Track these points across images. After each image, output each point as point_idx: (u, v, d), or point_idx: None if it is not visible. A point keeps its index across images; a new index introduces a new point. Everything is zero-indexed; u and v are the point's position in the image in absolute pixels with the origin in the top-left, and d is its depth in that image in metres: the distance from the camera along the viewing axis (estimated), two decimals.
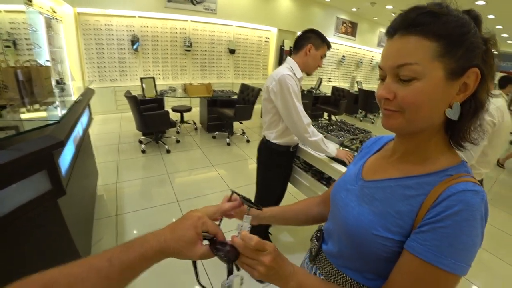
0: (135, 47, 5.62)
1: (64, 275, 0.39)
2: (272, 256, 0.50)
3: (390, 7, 7.58)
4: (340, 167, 1.67)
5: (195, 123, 5.33)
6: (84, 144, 2.18)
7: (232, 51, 6.96)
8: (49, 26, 4.06)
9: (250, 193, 1.61)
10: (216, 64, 6.95)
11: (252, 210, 0.65)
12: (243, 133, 5.02)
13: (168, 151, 3.99)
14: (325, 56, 1.70)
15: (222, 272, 0.52)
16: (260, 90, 4.52)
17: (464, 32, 0.46)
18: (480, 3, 5.61)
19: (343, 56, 9.65)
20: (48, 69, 2.26)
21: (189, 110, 5.17)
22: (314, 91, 6.63)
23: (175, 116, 4.80)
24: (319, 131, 2.20)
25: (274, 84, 1.59)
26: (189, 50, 6.32)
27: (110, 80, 5.65)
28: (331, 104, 6.55)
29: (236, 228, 0.57)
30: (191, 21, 6.20)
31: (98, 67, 5.47)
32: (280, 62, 7.45)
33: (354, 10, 8.69)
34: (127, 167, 3.47)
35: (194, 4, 5.95)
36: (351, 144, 1.96)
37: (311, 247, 0.76)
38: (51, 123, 1.38)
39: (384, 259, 0.53)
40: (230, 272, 0.49)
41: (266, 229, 2.18)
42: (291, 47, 1.61)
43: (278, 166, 1.88)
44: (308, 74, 1.73)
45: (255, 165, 1.98)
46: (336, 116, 6.36)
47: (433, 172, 0.52)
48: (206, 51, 6.68)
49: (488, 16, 6.61)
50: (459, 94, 0.49)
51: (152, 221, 2.46)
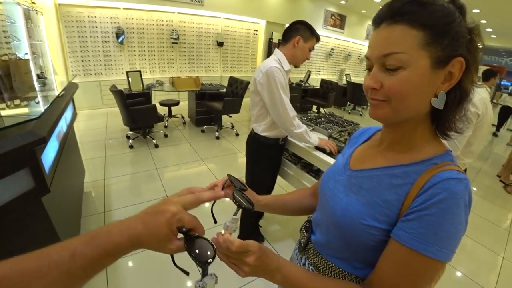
0: (120, 40, 5.46)
1: (18, 272, 0.35)
2: (256, 255, 0.50)
3: (378, 0, 7.61)
4: (328, 159, 1.68)
5: (183, 117, 5.26)
6: (68, 140, 2.12)
7: (220, 44, 6.86)
8: (28, 18, 3.87)
9: None
10: (204, 57, 6.84)
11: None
12: (232, 126, 4.99)
13: (156, 146, 3.94)
14: (313, 48, 1.70)
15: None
16: (248, 83, 4.49)
17: (449, 21, 0.46)
18: None
19: (332, 49, 9.67)
20: (27, 62, 2.17)
21: (177, 104, 5.09)
22: (303, 84, 6.63)
23: (162, 110, 4.72)
24: (308, 124, 2.22)
25: (261, 76, 1.58)
26: (176, 43, 6.19)
27: (95, 74, 5.49)
28: (320, 97, 6.58)
29: (223, 227, 0.57)
30: (178, 13, 6.05)
31: (82, 60, 5.29)
32: (268, 54, 7.34)
33: (343, 2, 8.69)
34: (114, 163, 3.40)
35: None
36: (339, 136, 1.98)
37: (300, 238, 0.76)
38: (32, 118, 1.33)
39: (372, 248, 0.54)
40: (204, 274, 0.47)
41: (256, 221, 2.19)
42: (279, 39, 1.60)
43: (267, 158, 1.88)
44: (296, 66, 1.72)
45: (245, 158, 1.98)
46: (325, 109, 6.39)
47: (419, 161, 0.53)
48: (193, 43, 6.56)
49: (473, 10, 6.73)
50: (444, 83, 0.49)
51: None
